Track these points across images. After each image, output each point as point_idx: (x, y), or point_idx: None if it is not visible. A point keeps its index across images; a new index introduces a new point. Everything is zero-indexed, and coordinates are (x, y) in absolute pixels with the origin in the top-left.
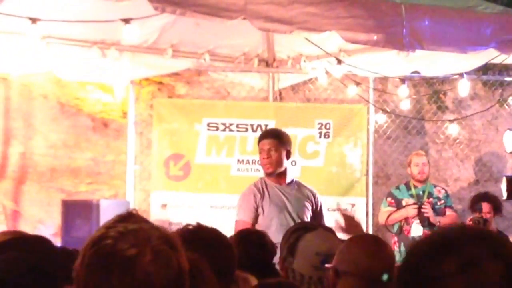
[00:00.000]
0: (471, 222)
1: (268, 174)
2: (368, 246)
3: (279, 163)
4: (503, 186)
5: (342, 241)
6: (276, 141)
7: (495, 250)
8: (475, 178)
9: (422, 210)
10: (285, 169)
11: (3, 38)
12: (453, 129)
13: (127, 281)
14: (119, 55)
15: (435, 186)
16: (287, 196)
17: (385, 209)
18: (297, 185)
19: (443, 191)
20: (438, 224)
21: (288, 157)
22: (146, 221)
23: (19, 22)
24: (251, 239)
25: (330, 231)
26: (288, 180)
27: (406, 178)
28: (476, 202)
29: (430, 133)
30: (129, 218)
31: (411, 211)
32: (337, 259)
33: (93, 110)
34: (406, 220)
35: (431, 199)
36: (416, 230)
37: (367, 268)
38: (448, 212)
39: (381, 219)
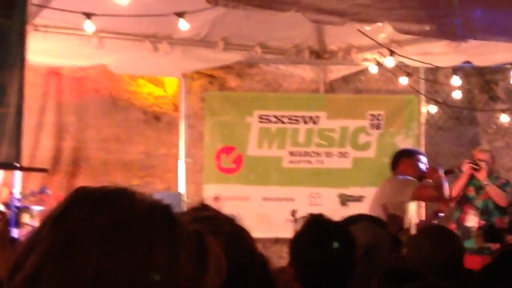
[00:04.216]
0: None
1: None
2: (433, 237)
3: None
4: None
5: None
6: None
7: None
8: None
9: (475, 167)
10: None
11: (56, 32)
12: (504, 119)
13: (202, 260)
14: (170, 49)
15: (498, 178)
16: None
17: None
18: None
19: (504, 180)
20: (485, 186)
21: None
22: (217, 212)
23: (73, 17)
24: None
25: (376, 222)
26: None
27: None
28: None
29: (482, 123)
30: (203, 209)
31: (467, 168)
32: (408, 247)
33: (144, 104)
34: (465, 209)
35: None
36: (471, 220)
37: (428, 258)
38: (496, 188)
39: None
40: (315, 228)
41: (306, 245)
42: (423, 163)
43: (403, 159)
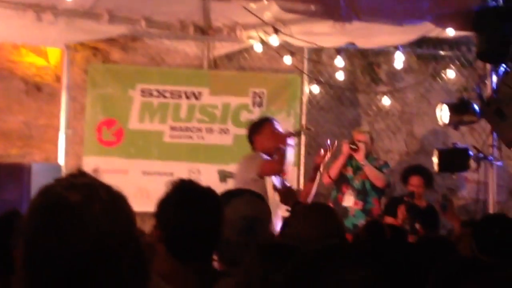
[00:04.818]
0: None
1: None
2: (310, 215)
3: None
4: (435, 159)
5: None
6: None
7: None
8: (407, 150)
9: (353, 147)
10: None
11: None
12: (386, 101)
13: (74, 228)
14: (54, 19)
15: (376, 159)
16: None
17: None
18: None
19: (381, 161)
20: (362, 166)
21: None
22: (96, 179)
23: None
24: None
25: (258, 196)
26: None
27: (337, 148)
28: (406, 175)
29: (363, 104)
30: (80, 175)
31: (345, 148)
32: (287, 224)
33: (26, 74)
34: (341, 189)
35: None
36: (348, 200)
37: (301, 237)
38: (373, 169)
39: (324, 178)
40: (181, 190)
41: (172, 206)
42: (276, 127)
43: (255, 136)
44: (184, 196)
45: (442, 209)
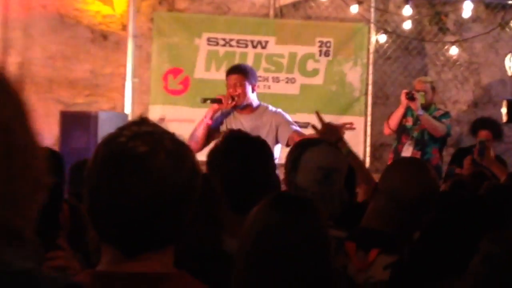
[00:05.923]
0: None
1: (233, 107)
2: (406, 169)
3: (244, 97)
4: (503, 109)
5: (347, 155)
6: (241, 76)
7: None
8: (474, 100)
9: (409, 96)
10: (250, 102)
11: None
12: (453, 51)
13: (139, 178)
14: None
15: (437, 109)
16: (244, 125)
17: None
18: (261, 113)
19: (442, 111)
20: (421, 116)
21: (253, 90)
22: (159, 127)
23: None
24: None
25: (333, 146)
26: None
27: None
28: (475, 128)
29: (430, 54)
30: (143, 123)
31: (403, 97)
32: (380, 177)
33: (92, 22)
34: (401, 140)
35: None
36: (406, 151)
37: (398, 190)
38: (429, 118)
39: (385, 129)
40: (231, 139)
41: (221, 154)
42: (234, 80)
43: None
44: (233, 145)
45: (480, 155)
